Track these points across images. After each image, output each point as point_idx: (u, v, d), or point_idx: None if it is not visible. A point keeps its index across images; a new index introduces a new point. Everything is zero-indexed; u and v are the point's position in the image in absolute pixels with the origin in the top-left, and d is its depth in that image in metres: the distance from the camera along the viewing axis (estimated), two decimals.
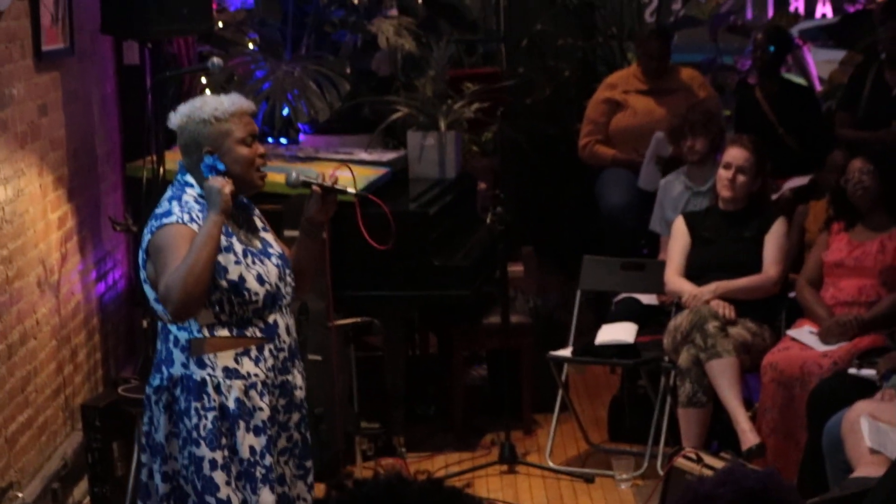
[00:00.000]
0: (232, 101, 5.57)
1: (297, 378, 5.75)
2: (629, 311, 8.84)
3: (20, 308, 7.32)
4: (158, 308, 5.50)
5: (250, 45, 10.20)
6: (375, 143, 9.81)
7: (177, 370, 5.47)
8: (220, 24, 9.79)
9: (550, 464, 8.54)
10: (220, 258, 5.35)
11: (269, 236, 5.76)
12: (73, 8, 8.16)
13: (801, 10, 12.69)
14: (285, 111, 9.87)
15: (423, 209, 8.70)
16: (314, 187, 5.65)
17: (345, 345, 7.79)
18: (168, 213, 5.44)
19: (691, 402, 7.90)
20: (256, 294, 5.43)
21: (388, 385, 8.30)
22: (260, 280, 5.45)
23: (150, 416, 5.61)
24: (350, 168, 5.88)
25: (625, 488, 8.20)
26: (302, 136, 9.82)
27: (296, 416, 5.71)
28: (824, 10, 12.64)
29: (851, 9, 11.78)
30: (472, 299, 8.93)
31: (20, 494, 7.09)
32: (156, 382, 5.50)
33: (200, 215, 5.42)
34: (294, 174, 5.85)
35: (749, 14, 12.51)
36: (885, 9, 10.36)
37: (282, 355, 5.62)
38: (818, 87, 10.50)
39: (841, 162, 8.55)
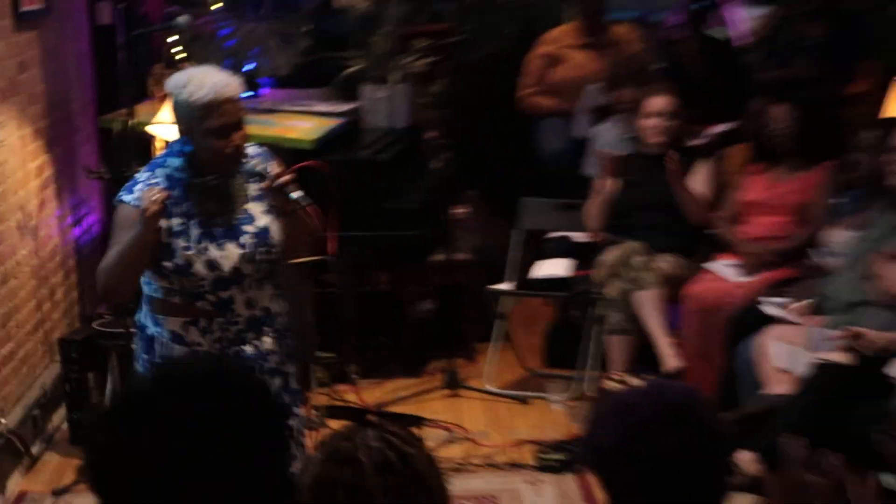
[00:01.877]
0: (212, 89, 5.21)
1: (263, 344, 5.54)
2: (560, 249, 9.03)
3: (1, 250, 7.47)
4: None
5: (216, 6, 10.30)
6: (332, 96, 9.92)
7: (140, 317, 5.54)
8: None
9: (489, 388, 8.72)
10: (170, 241, 5.24)
11: (255, 208, 5.48)
12: None
13: None
14: (250, 66, 10.02)
15: (374, 156, 8.90)
16: (264, 184, 5.40)
17: (303, 281, 8.06)
18: (132, 186, 5.33)
19: (618, 330, 8.12)
20: (203, 278, 5.30)
21: (342, 318, 8.43)
22: (210, 266, 5.30)
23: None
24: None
25: (557, 409, 8.41)
26: (264, 90, 9.99)
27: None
28: None
29: None
30: (420, 239, 9.15)
31: (3, 420, 7.27)
32: (136, 318, 5.57)
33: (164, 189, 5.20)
34: (249, 165, 5.45)
35: None
36: None
37: (234, 328, 5.44)
38: (740, 39, 10.72)
39: (759, 108, 8.84)
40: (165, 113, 7.65)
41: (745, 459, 6.41)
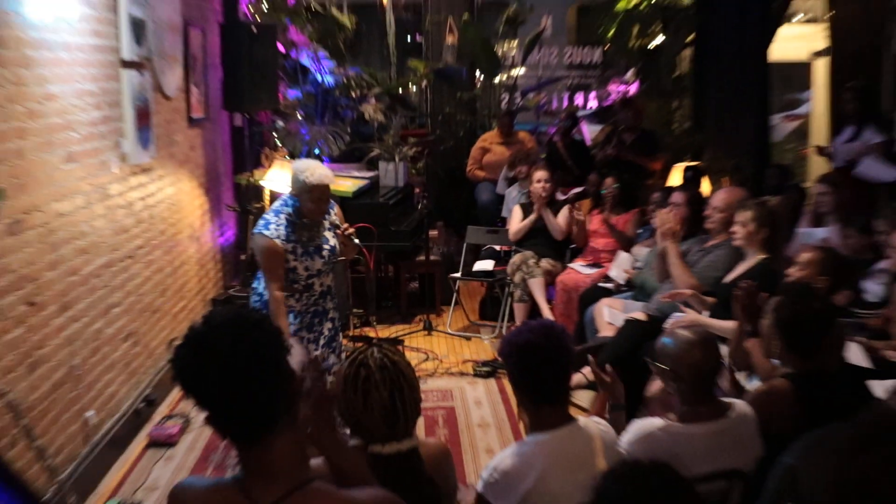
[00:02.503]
0: (321, 178, 5.28)
1: (327, 304, 5.63)
2: (490, 255, 9.08)
3: (180, 250, 7.49)
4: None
5: (299, 116, 10.25)
6: (362, 168, 9.87)
7: (258, 287, 5.50)
8: (283, 104, 9.90)
9: (449, 330, 8.72)
10: (287, 256, 5.28)
11: (329, 234, 5.49)
12: (209, 93, 8.32)
13: (581, 104, 12.78)
14: (317, 150, 9.98)
15: (385, 201, 8.81)
16: (338, 232, 5.50)
17: (345, 269, 8.15)
18: (267, 225, 5.27)
19: (520, 300, 8.09)
20: (301, 276, 5.34)
21: (367, 291, 8.24)
22: (306, 269, 5.34)
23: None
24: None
25: (486, 343, 8.42)
26: (326, 163, 9.96)
27: (328, 325, 5.62)
28: (593, 103, 12.75)
29: (606, 104, 11.94)
30: (410, 248, 9.12)
31: None
32: (255, 286, 5.55)
33: (283, 232, 5.25)
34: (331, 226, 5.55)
35: (555, 105, 12.59)
36: (622, 103, 10.56)
37: (314, 297, 5.51)
38: (588, 143, 10.72)
39: (595, 180, 8.93)
40: (271, 174, 7.73)
41: (586, 371, 6.49)
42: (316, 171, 5.30)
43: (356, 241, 5.61)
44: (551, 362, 3.23)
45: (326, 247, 5.49)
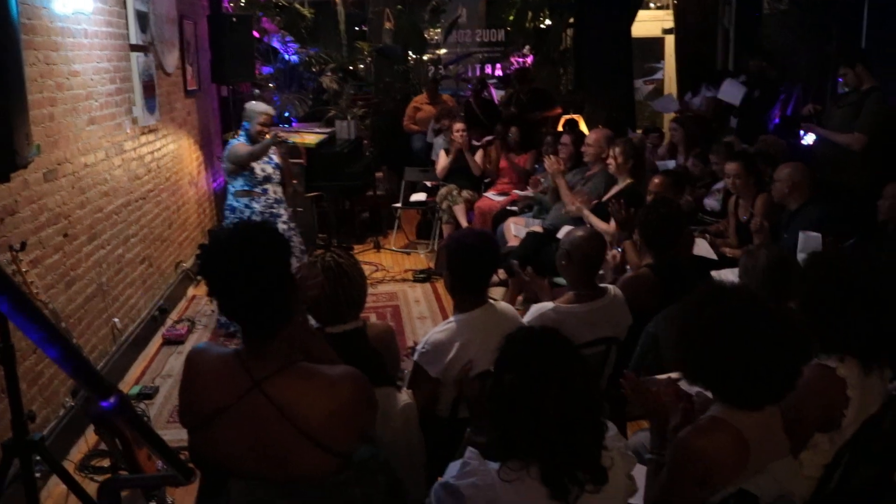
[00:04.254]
0: (264, 107, 5.99)
1: (280, 211, 6.10)
2: (422, 189, 9.02)
3: (182, 193, 7.43)
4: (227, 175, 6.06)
5: (271, 87, 10.17)
6: (322, 125, 9.70)
7: (230, 202, 6.06)
8: (259, 77, 9.82)
9: (393, 247, 8.68)
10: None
11: (274, 156, 6.06)
12: (200, 70, 8.21)
13: (490, 70, 12.82)
14: (286, 113, 9.91)
15: (341, 151, 8.70)
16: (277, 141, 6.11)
17: (312, 203, 8.12)
18: (235, 140, 6.02)
19: (447, 222, 8.04)
20: (258, 176, 5.88)
21: (330, 219, 8.34)
22: (262, 170, 5.94)
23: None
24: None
25: (422, 255, 8.40)
26: (294, 123, 9.87)
27: (282, 226, 5.99)
28: (498, 71, 12.77)
29: (509, 71, 11.94)
30: (361, 185, 9.07)
31: (186, 264, 7.27)
32: (227, 206, 6.12)
33: (244, 141, 5.99)
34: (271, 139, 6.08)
35: (469, 74, 12.54)
36: (517, 74, 10.59)
37: (269, 202, 5.97)
38: (497, 102, 10.70)
39: (501, 130, 8.83)
40: None
41: (500, 272, 6.51)
42: (261, 105, 6.19)
43: (288, 142, 6.44)
44: (485, 258, 3.26)
45: (272, 161, 6.12)
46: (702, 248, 5.10)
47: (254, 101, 6.07)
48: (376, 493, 2.19)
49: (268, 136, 6.07)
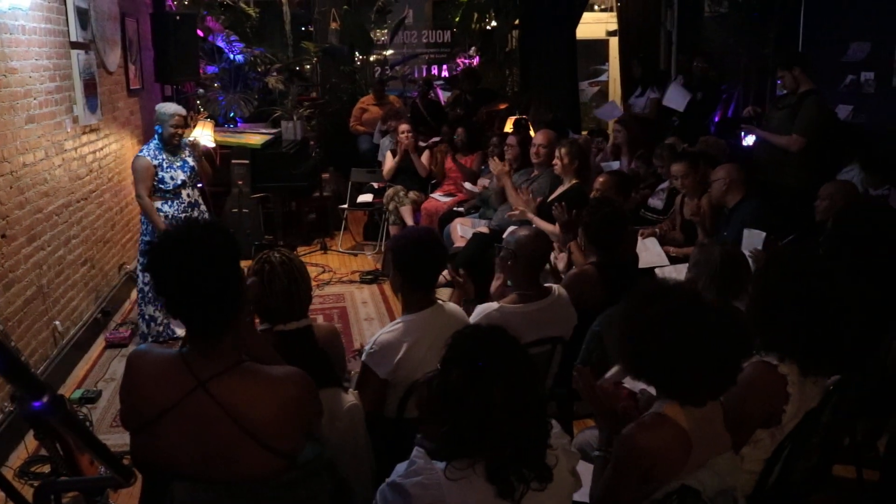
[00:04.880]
0: (175, 109, 5.72)
1: (194, 214, 5.78)
2: (369, 190, 8.82)
3: (124, 194, 7.29)
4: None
5: (216, 86, 10.08)
6: (268, 126, 9.65)
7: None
8: (203, 77, 9.73)
9: (340, 249, 8.62)
10: (155, 169, 5.61)
11: (188, 158, 5.78)
12: (143, 69, 8.10)
13: (435, 72, 12.84)
14: (231, 113, 9.83)
15: (287, 151, 8.60)
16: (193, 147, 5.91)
17: (257, 204, 8.06)
18: (143, 150, 5.71)
19: (394, 223, 7.98)
20: (168, 184, 5.59)
21: (275, 221, 8.31)
22: (171, 178, 5.62)
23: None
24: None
25: (369, 258, 8.33)
26: (240, 123, 9.79)
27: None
28: (445, 73, 12.81)
29: (456, 72, 11.97)
30: (308, 187, 9.06)
31: (129, 266, 7.18)
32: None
33: (153, 152, 5.65)
34: (188, 142, 5.94)
35: (416, 75, 12.58)
36: (464, 73, 10.67)
37: (183, 205, 5.70)
38: (443, 103, 10.72)
39: (448, 131, 8.86)
40: (195, 132, 7.51)
41: (445, 273, 6.52)
42: (172, 106, 5.82)
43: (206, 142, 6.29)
44: (431, 255, 3.26)
45: (186, 166, 5.78)
46: (652, 249, 5.18)
47: (164, 103, 5.88)
48: (322, 492, 2.17)
49: (188, 138, 5.86)
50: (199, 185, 6.15)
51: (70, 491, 3.36)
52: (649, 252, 5.13)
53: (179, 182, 5.72)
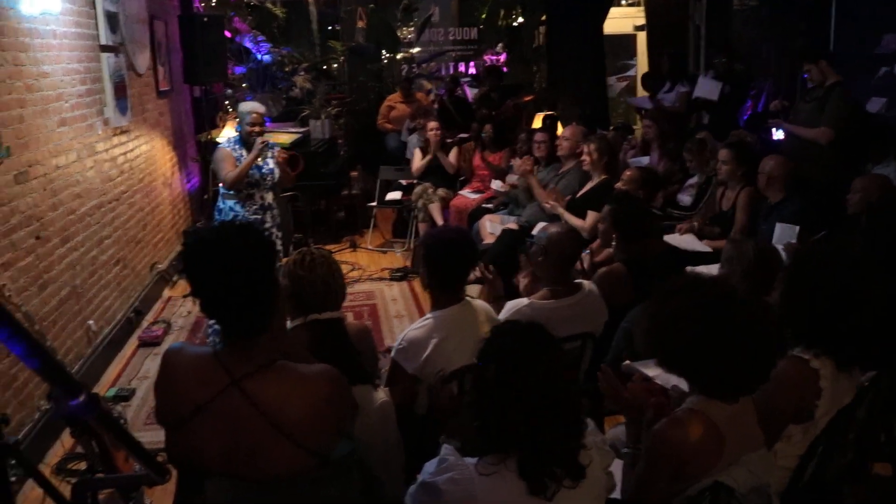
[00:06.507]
0: (252, 106, 5.70)
1: (266, 218, 5.65)
2: (398, 187, 8.91)
3: (155, 194, 7.37)
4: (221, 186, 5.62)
5: (244, 87, 10.16)
6: (297, 125, 9.69)
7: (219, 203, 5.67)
8: (231, 78, 9.81)
9: (370, 246, 8.66)
10: (235, 161, 5.49)
11: (270, 160, 5.62)
12: (172, 71, 8.17)
13: (462, 69, 12.86)
14: None
15: (316, 150, 8.70)
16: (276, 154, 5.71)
17: (287, 203, 8.07)
18: (225, 144, 5.66)
19: (423, 220, 8.01)
20: (248, 182, 5.51)
21: (305, 220, 8.34)
22: (248, 176, 5.48)
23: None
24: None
25: (399, 254, 8.40)
26: (268, 123, 9.83)
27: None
28: (472, 70, 12.80)
29: (481, 69, 11.96)
30: (336, 185, 9.09)
31: (161, 265, 7.27)
32: (217, 218, 5.65)
33: (234, 145, 5.58)
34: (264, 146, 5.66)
35: (443, 72, 12.59)
36: (487, 71, 10.67)
37: (254, 207, 5.57)
38: (470, 100, 10.72)
39: (476, 128, 8.87)
40: (224, 132, 7.57)
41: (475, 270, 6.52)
42: (249, 104, 5.80)
43: (290, 153, 5.84)
44: (462, 254, 3.26)
45: (266, 168, 5.64)
46: (691, 243, 5.15)
47: (244, 102, 5.87)
48: (352, 490, 2.18)
49: (259, 142, 5.61)
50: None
51: (107, 488, 3.39)
52: (682, 241, 5.13)
53: (254, 181, 5.60)
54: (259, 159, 5.61)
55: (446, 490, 2.03)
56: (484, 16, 12.67)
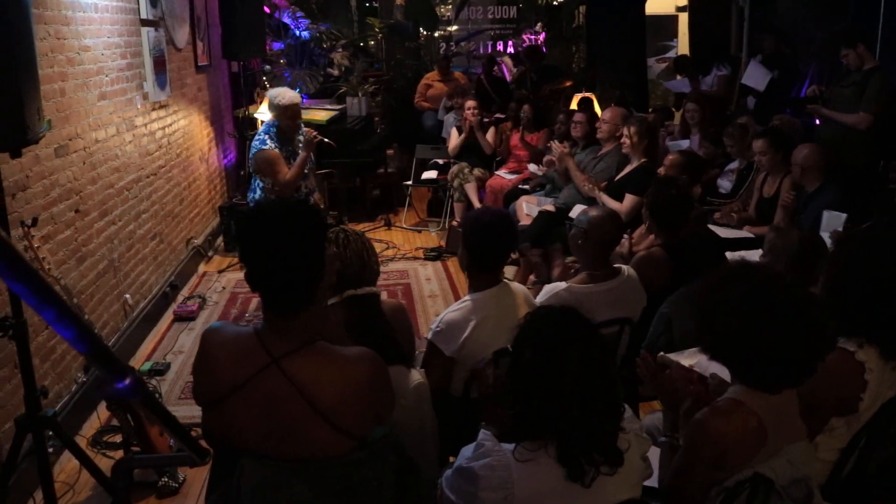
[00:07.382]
0: (289, 98, 5.43)
1: (313, 197, 5.62)
2: (434, 166, 8.93)
3: (192, 169, 7.41)
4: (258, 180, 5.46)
5: (282, 63, 10.18)
6: (333, 102, 9.74)
7: (251, 196, 5.55)
8: (269, 53, 9.83)
9: (404, 225, 8.66)
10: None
11: (302, 151, 5.42)
12: (211, 46, 8.20)
13: (501, 48, 12.78)
14: (297, 89, 9.87)
15: (352, 127, 8.74)
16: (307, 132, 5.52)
17: (323, 180, 8.08)
18: (264, 142, 5.36)
19: (458, 200, 8.01)
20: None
21: (341, 197, 8.35)
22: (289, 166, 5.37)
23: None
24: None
25: (433, 234, 8.39)
26: (305, 99, 9.85)
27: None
28: (511, 49, 12.72)
29: (521, 48, 11.86)
30: (372, 163, 9.10)
31: (197, 240, 7.32)
32: (251, 196, 5.57)
33: (276, 144, 5.35)
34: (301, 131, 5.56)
35: (481, 51, 12.53)
36: (526, 52, 10.60)
37: (300, 196, 5.42)
38: (509, 80, 10.66)
39: (514, 108, 8.82)
40: (262, 108, 7.57)
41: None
42: (286, 94, 5.45)
43: (324, 140, 5.59)
44: (503, 237, 3.22)
45: (302, 153, 5.50)
46: (731, 231, 5.12)
47: (274, 92, 5.52)
48: (388, 473, 2.17)
49: (308, 134, 5.48)
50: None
51: (146, 467, 3.45)
52: (729, 231, 5.11)
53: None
54: (295, 147, 5.54)
55: (483, 476, 2.01)
56: None
